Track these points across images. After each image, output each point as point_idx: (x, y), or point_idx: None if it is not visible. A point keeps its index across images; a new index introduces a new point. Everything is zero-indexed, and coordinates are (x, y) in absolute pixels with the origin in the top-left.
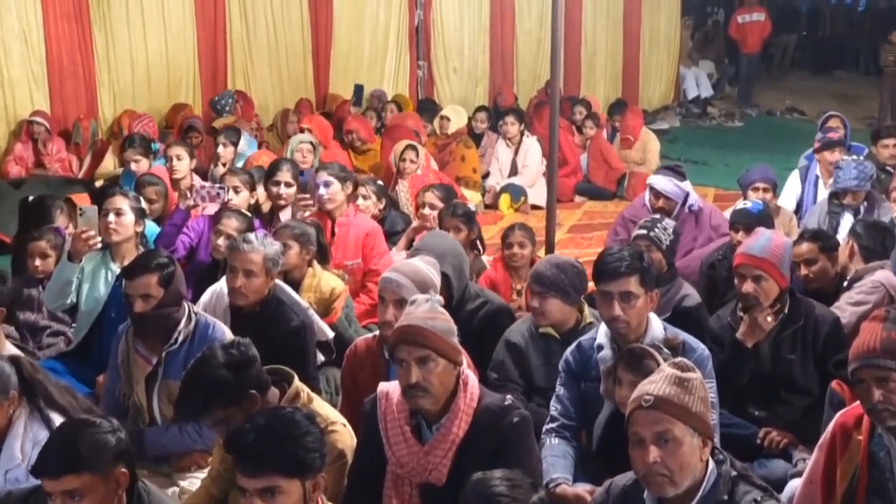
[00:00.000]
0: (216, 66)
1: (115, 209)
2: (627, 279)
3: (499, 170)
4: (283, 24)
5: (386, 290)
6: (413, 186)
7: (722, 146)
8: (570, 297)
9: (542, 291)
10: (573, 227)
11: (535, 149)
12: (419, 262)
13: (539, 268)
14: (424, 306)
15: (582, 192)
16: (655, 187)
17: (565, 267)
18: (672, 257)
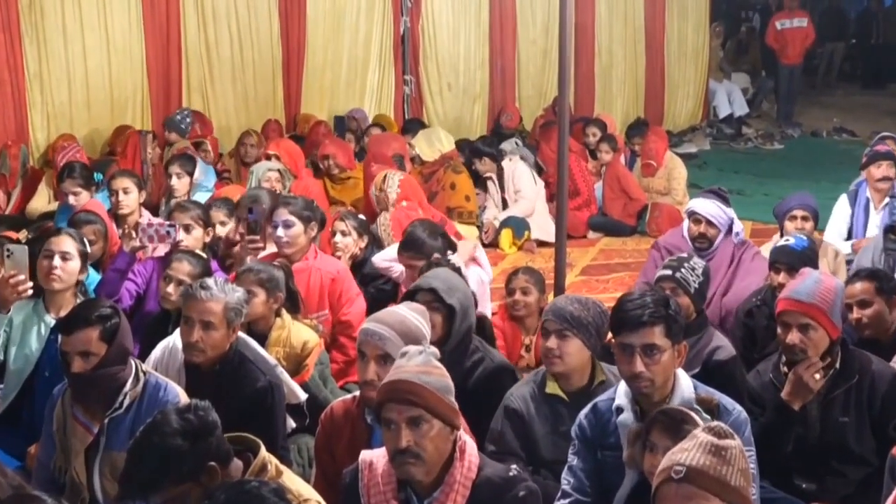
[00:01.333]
0: (169, 84)
1: (62, 252)
2: (651, 329)
3: (493, 202)
4: (248, 34)
5: (366, 344)
6: (395, 220)
7: (759, 173)
8: (590, 340)
9: (562, 329)
10: (587, 267)
11: (522, 169)
12: (405, 310)
13: (558, 302)
14: (417, 359)
15: (596, 226)
16: (697, 211)
17: (587, 303)
18: (701, 303)
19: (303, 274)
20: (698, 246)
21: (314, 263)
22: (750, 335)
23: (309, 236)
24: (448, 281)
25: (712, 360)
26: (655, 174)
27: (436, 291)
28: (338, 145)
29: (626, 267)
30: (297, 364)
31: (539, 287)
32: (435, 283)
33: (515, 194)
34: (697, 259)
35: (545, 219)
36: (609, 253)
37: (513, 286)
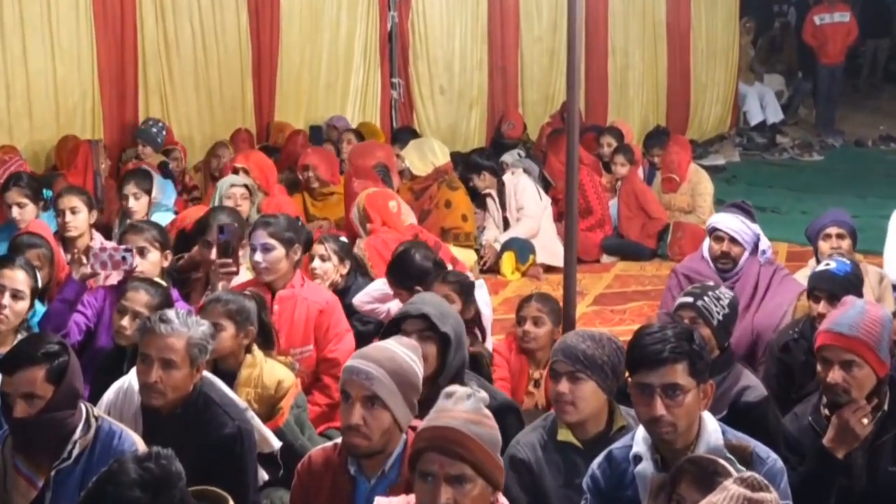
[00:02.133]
0: (123, 89)
1: (13, 290)
2: (673, 367)
3: (494, 222)
4: (213, 31)
5: (351, 384)
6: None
7: (796, 187)
8: (606, 382)
9: (574, 371)
10: (600, 296)
11: (525, 184)
12: (395, 345)
13: (569, 340)
14: (466, 404)
15: (611, 249)
16: (719, 227)
17: (602, 339)
18: (725, 338)
19: (287, 304)
20: (721, 266)
21: (300, 292)
22: (786, 373)
23: (291, 261)
24: (440, 306)
25: (741, 401)
26: (678, 190)
27: (428, 318)
28: (321, 155)
29: (644, 295)
30: (270, 407)
31: (553, 318)
32: (426, 308)
33: (518, 213)
34: (725, 290)
35: (552, 241)
36: (625, 279)
37: (523, 314)
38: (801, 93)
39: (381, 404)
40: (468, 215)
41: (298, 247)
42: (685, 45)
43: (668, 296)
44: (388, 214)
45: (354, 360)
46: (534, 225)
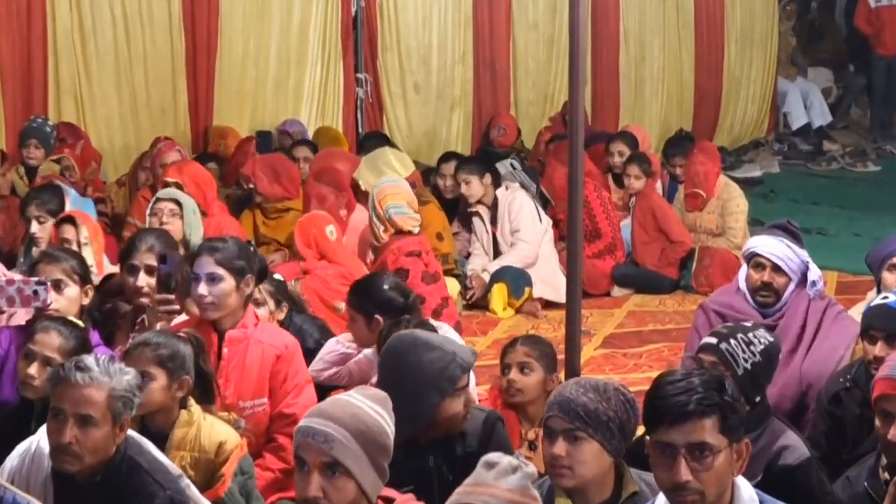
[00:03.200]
0: (30, 87)
1: None
2: (700, 423)
3: (482, 247)
4: (139, 19)
5: (307, 448)
6: (309, 293)
7: (848, 204)
8: (612, 442)
9: (573, 430)
10: (611, 337)
11: (522, 202)
12: (359, 397)
13: (567, 391)
14: (511, 480)
15: (624, 280)
16: (759, 252)
17: (607, 390)
18: (755, 391)
19: (237, 347)
20: (761, 300)
21: (254, 333)
22: (837, 428)
23: (242, 295)
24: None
25: (778, 464)
26: (705, 208)
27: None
28: (263, 165)
29: (664, 336)
30: (209, 474)
31: (545, 363)
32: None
33: (513, 236)
34: (763, 333)
35: (553, 271)
36: (641, 317)
37: (508, 361)
38: (853, 90)
39: (343, 472)
40: (444, 233)
41: (251, 277)
42: (716, 32)
43: (694, 337)
44: (326, 244)
45: (309, 418)
46: (531, 252)
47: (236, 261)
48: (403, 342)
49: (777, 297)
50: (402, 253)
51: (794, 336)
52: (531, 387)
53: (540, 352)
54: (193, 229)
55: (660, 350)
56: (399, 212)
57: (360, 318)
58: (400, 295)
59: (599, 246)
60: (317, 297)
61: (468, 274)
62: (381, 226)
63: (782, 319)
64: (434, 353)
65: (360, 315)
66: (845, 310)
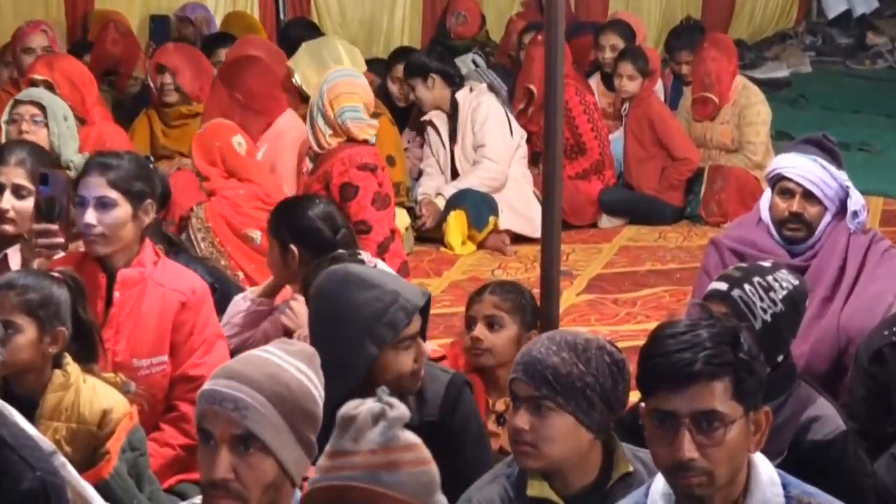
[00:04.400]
0: None
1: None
2: (709, 387)
3: (438, 165)
4: None
5: (213, 418)
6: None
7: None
8: (591, 416)
9: (538, 398)
10: (598, 279)
11: (489, 108)
12: (280, 353)
13: (535, 349)
14: (371, 436)
15: (615, 207)
16: (787, 175)
17: (587, 350)
18: (777, 348)
19: (131, 291)
20: (789, 234)
21: (153, 274)
22: (879, 394)
23: (140, 225)
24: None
25: (807, 439)
26: (717, 116)
27: None
28: (184, 55)
29: (665, 278)
30: (91, 449)
31: (521, 316)
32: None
33: (476, 152)
34: (787, 274)
35: (525, 196)
36: (636, 254)
37: (474, 313)
38: None
39: (259, 447)
40: (396, 157)
41: (151, 203)
42: None
43: (703, 280)
44: (235, 159)
45: (216, 380)
46: (498, 172)
47: (134, 182)
48: (333, 279)
49: (809, 231)
50: (353, 164)
51: (831, 280)
52: (502, 346)
53: (514, 303)
54: (64, 141)
55: (659, 296)
56: (356, 117)
57: (274, 247)
58: (328, 227)
59: (584, 164)
60: (225, 225)
61: (418, 199)
62: (329, 130)
63: (815, 259)
64: (370, 293)
65: (275, 242)
66: (894, 246)
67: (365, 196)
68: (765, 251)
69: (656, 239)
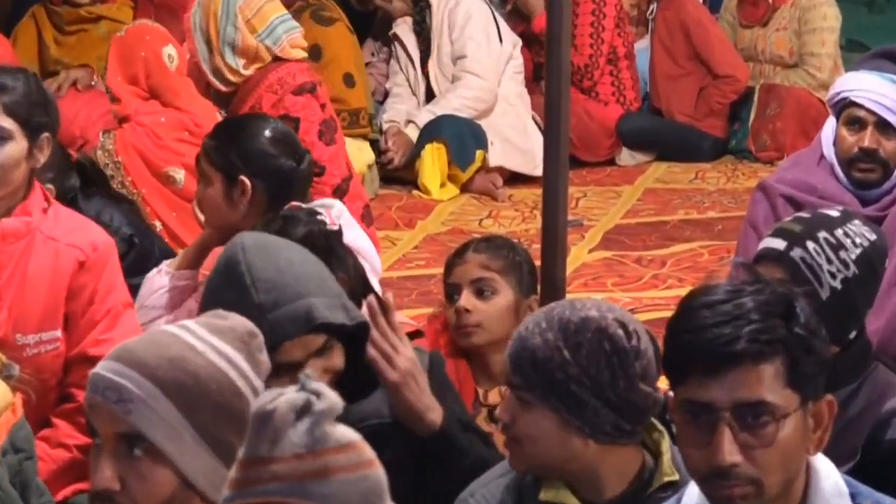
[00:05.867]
0: None
1: None
2: (755, 371)
3: (408, 84)
4: None
5: (96, 411)
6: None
7: None
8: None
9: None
10: (615, 232)
11: (470, 7)
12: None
13: (524, 327)
14: (295, 435)
15: (639, 138)
16: (856, 99)
17: (579, 333)
18: (851, 321)
19: (15, 247)
20: (860, 176)
21: (43, 225)
22: None
23: (34, 164)
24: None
25: (885, 437)
26: (770, 20)
27: None
28: None
29: (702, 230)
30: None
31: (516, 276)
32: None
33: (456, 65)
34: (860, 225)
35: (521, 122)
36: (665, 199)
37: (456, 280)
38: None
39: (150, 451)
40: (356, 74)
41: (47, 136)
42: None
43: (749, 236)
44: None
45: (105, 362)
46: (485, 90)
47: (34, 109)
48: (224, 255)
49: (885, 172)
50: (286, 90)
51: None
52: (495, 318)
53: (506, 260)
54: None
55: (695, 253)
56: (290, 28)
57: (217, 180)
58: (288, 153)
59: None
60: (139, 160)
61: (384, 128)
62: (242, 60)
63: (894, 208)
64: (249, 293)
65: (217, 175)
66: None
67: (309, 128)
68: (828, 198)
69: (692, 180)
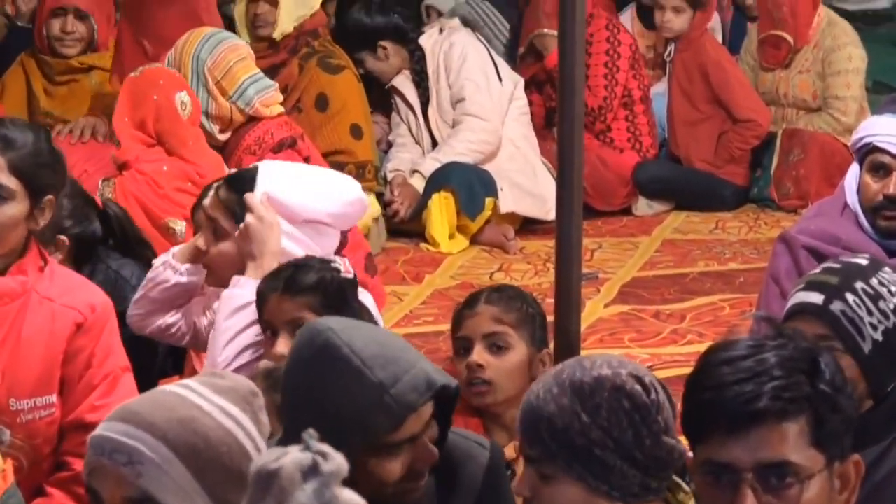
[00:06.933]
0: None
1: None
2: (779, 429)
3: (411, 134)
4: None
5: (101, 475)
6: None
7: None
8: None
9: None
10: (632, 285)
11: (464, 47)
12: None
13: (532, 393)
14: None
15: (656, 186)
16: (881, 145)
17: (595, 395)
18: (889, 376)
19: (9, 308)
20: (886, 224)
21: (39, 285)
22: None
23: (33, 226)
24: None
25: None
26: (793, 62)
27: None
28: None
29: (724, 283)
30: None
31: (530, 330)
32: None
33: (456, 110)
34: (892, 274)
35: (531, 165)
36: (685, 250)
37: (467, 333)
38: None
39: None
40: (363, 125)
41: (51, 199)
42: None
43: (771, 289)
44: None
45: (110, 423)
46: (489, 132)
47: (40, 170)
48: (310, 350)
49: None
50: (266, 149)
51: None
52: (508, 374)
53: (519, 313)
54: None
55: (716, 306)
56: (263, 87)
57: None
58: None
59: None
60: (140, 209)
61: (388, 178)
62: (216, 125)
63: None
64: (349, 384)
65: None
66: None
67: None
68: (853, 249)
69: (712, 230)
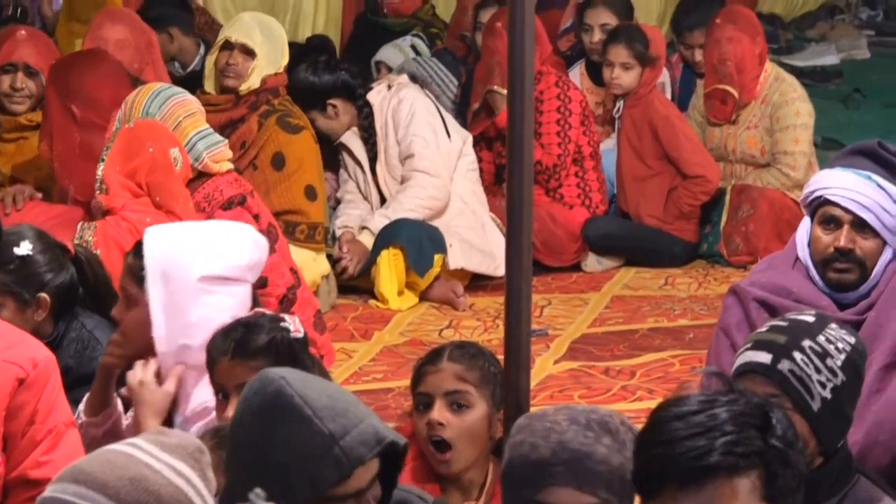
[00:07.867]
0: None
1: None
2: (730, 485)
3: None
4: None
5: None
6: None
7: None
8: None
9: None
10: (582, 341)
11: (412, 104)
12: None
13: (571, 440)
14: None
15: (606, 242)
16: (832, 198)
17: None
18: (839, 431)
19: None
20: (836, 277)
21: None
22: None
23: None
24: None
25: None
26: (740, 117)
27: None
28: (44, 47)
29: (673, 339)
30: None
31: (490, 389)
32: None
33: (404, 165)
34: (838, 329)
35: (480, 222)
36: (634, 306)
37: (428, 389)
38: None
39: None
40: (317, 187)
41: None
42: None
43: (721, 343)
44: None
45: (59, 484)
46: (438, 188)
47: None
48: (260, 400)
49: (862, 274)
50: (215, 206)
51: (894, 340)
52: (468, 434)
53: (482, 372)
54: None
55: (666, 363)
56: (212, 143)
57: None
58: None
59: (565, 185)
60: (119, 255)
61: (337, 234)
62: None
63: (872, 312)
64: (298, 431)
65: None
66: None
67: None
68: (804, 301)
69: (661, 286)
